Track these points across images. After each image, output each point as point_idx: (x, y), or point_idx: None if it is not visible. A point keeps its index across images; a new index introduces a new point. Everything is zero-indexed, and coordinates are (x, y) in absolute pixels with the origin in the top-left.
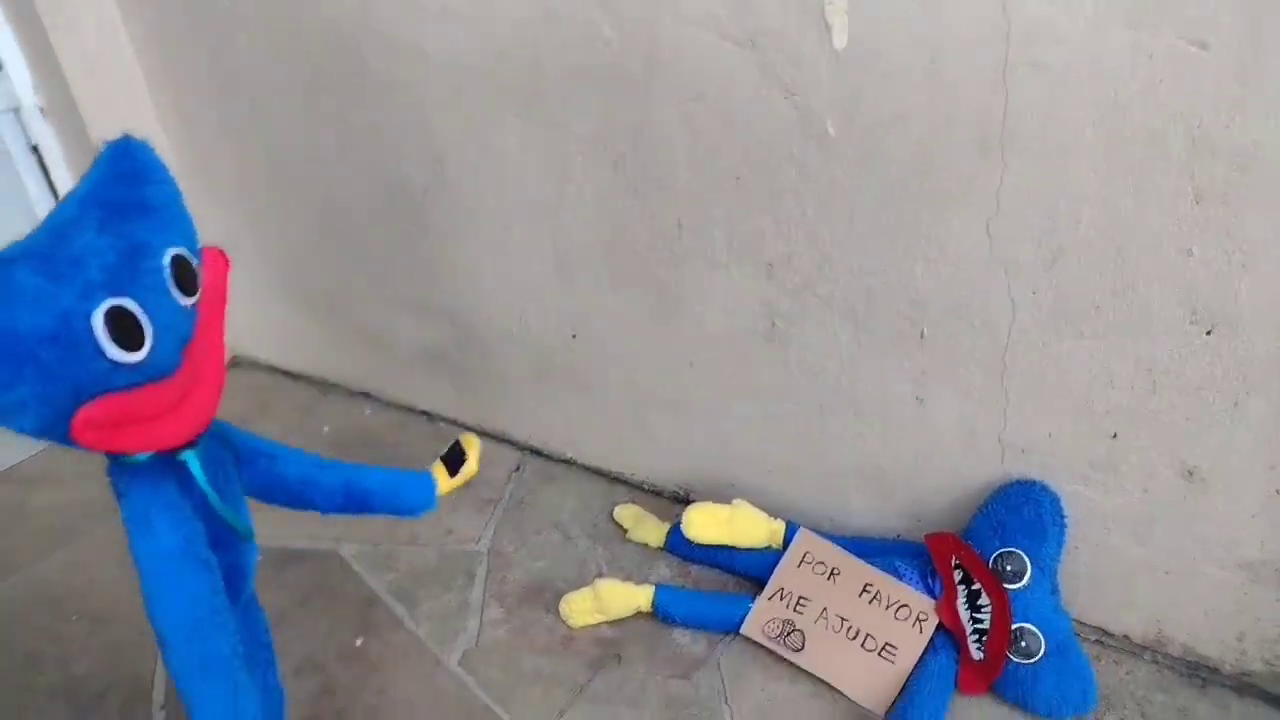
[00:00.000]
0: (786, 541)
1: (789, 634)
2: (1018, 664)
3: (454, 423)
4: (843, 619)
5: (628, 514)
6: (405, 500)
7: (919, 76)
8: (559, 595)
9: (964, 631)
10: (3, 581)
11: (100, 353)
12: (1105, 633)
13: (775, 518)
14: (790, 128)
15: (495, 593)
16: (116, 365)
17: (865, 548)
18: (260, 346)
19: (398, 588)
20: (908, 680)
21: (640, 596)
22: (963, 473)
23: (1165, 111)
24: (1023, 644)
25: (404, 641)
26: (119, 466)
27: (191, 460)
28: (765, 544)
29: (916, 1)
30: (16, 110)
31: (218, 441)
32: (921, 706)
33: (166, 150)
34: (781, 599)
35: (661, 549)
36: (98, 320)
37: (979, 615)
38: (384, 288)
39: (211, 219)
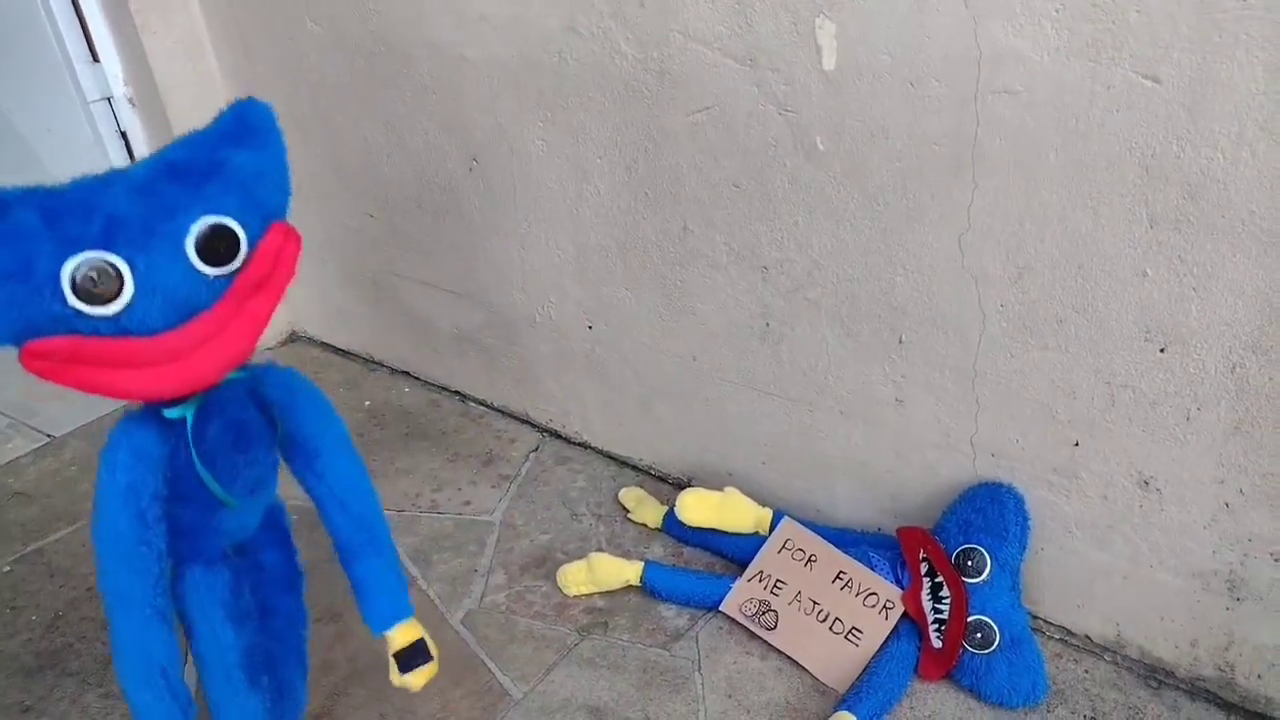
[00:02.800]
0: (772, 528)
1: (764, 613)
2: (973, 654)
3: (483, 403)
4: (815, 602)
5: (631, 496)
6: (369, 602)
7: (899, 98)
8: (559, 566)
9: (926, 621)
10: (72, 526)
11: (61, 299)
12: (1068, 632)
13: (764, 506)
14: (784, 141)
15: (502, 560)
16: (79, 313)
17: (844, 538)
18: (315, 324)
19: (415, 550)
20: (870, 663)
21: (630, 571)
22: (937, 472)
23: (1121, 140)
24: (978, 635)
25: (415, 599)
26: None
27: (187, 416)
28: (753, 529)
29: (898, 29)
30: (109, 99)
31: (245, 406)
32: (878, 688)
33: None
34: (760, 581)
35: (659, 530)
36: (69, 268)
37: (940, 606)
38: (425, 273)
39: None
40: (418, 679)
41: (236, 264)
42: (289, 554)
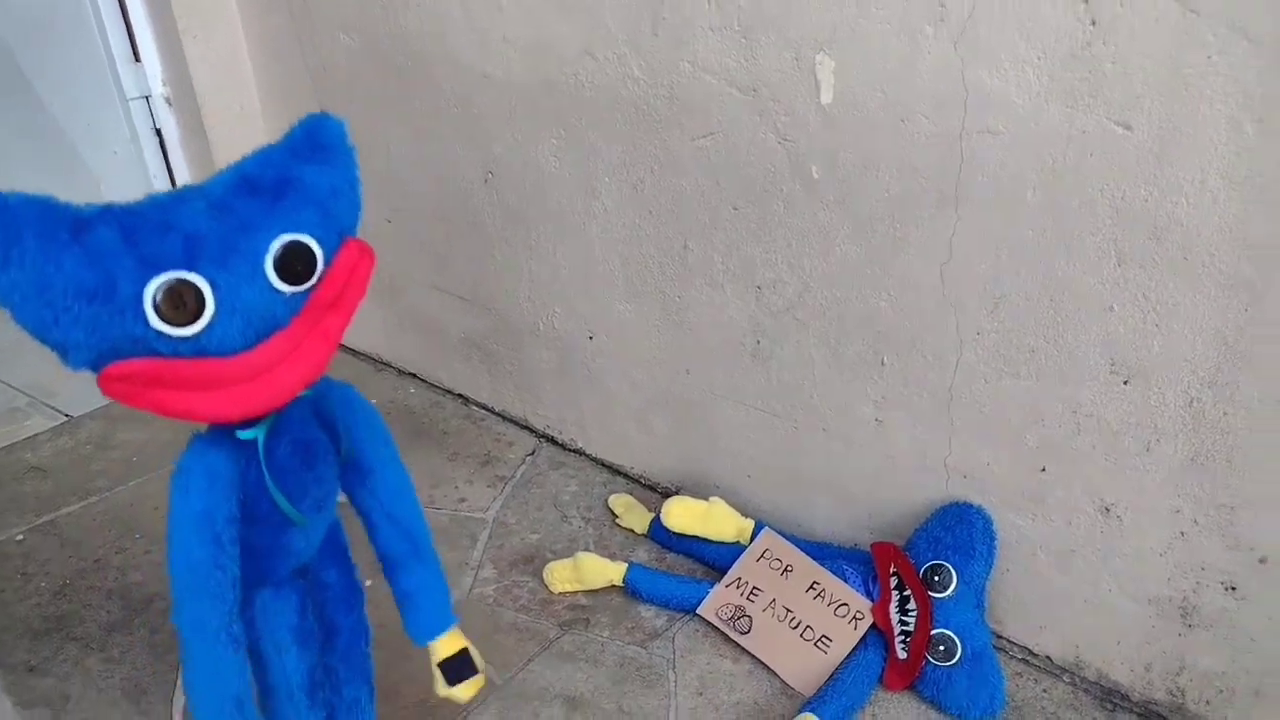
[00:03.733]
0: (753, 539)
1: (739, 618)
2: (935, 666)
3: (484, 407)
4: (788, 610)
5: (621, 502)
6: (414, 612)
7: (890, 133)
8: (546, 564)
9: (893, 632)
10: (83, 501)
11: (143, 320)
12: (1029, 652)
13: (747, 517)
14: (781, 168)
15: (492, 556)
16: (160, 334)
17: (821, 551)
18: None
19: None
20: (837, 670)
21: (614, 571)
22: (912, 490)
23: (1094, 182)
24: (941, 648)
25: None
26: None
27: (259, 437)
28: (734, 539)
29: (892, 69)
30: (148, 98)
31: (310, 424)
32: (843, 693)
33: (265, 140)
34: (738, 588)
35: (645, 536)
36: (151, 289)
37: (907, 619)
38: (437, 279)
39: None
40: (466, 691)
41: (313, 281)
42: (349, 570)
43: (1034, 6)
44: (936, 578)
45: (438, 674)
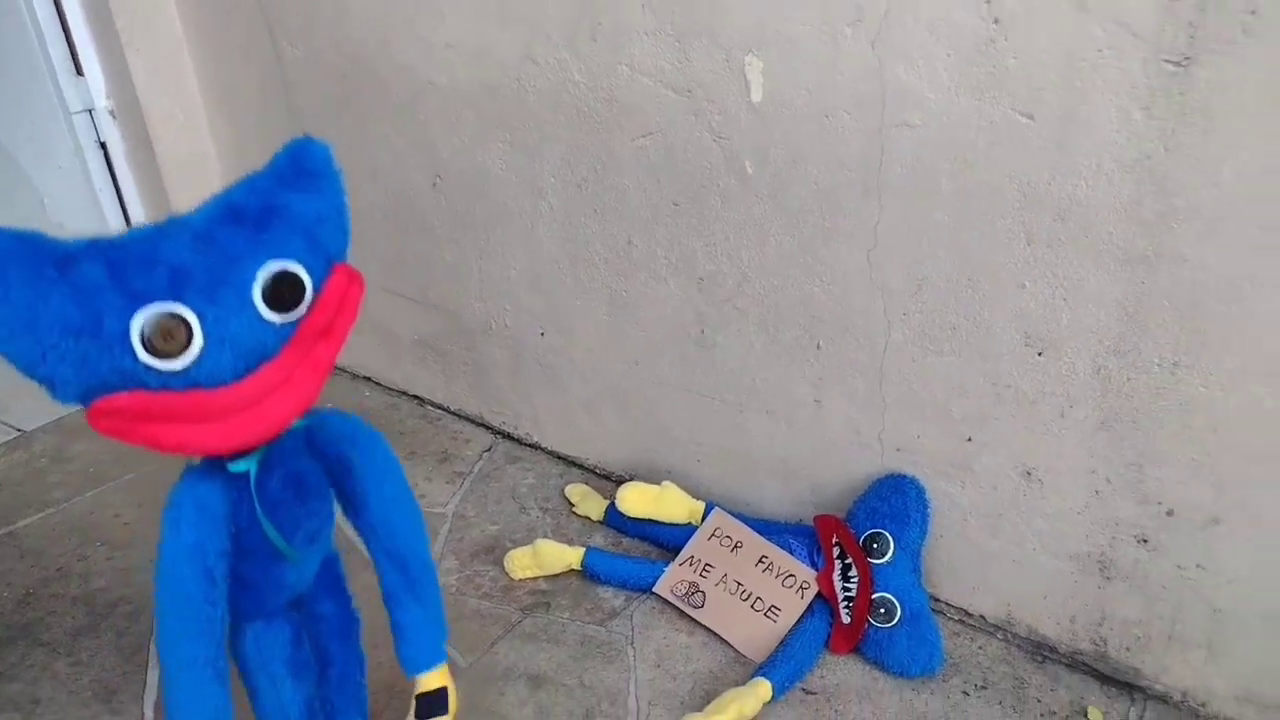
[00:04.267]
0: (704, 519)
1: (693, 594)
2: (877, 628)
3: (440, 407)
4: (739, 583)
5: (576, 491)
6: (404, 645)
7: (816, 129)
8: (506, 553)
9: (837, 599)
10: (41, 513)
11: (131, 354)
12: (965, 613)
13: (698, 499)
14: (717, 165)
15: (453, 548)
16: (148, 368)
17: (768, 528)
18: None
19: None
20: (786, 637)
21: (573, 555)
22: (851, 465)
23: (1002, 169)
24: (882, 610)
25: (370, 580)
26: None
27: (250, 470)
28: (687, 520)
29: (815, 68)
30: (91, 111)
31: (303, 456)
32: (792, 658)
33: (211, 150)
34: (691, 565)
35: (601, 522)
36: (138, 322)
37: (849, 585)
38: (389, 282)
39: None
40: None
41: (302, 309)
42: (345, 602)
43: (942, 7)
44: (875, 545)
45: (413, 703)
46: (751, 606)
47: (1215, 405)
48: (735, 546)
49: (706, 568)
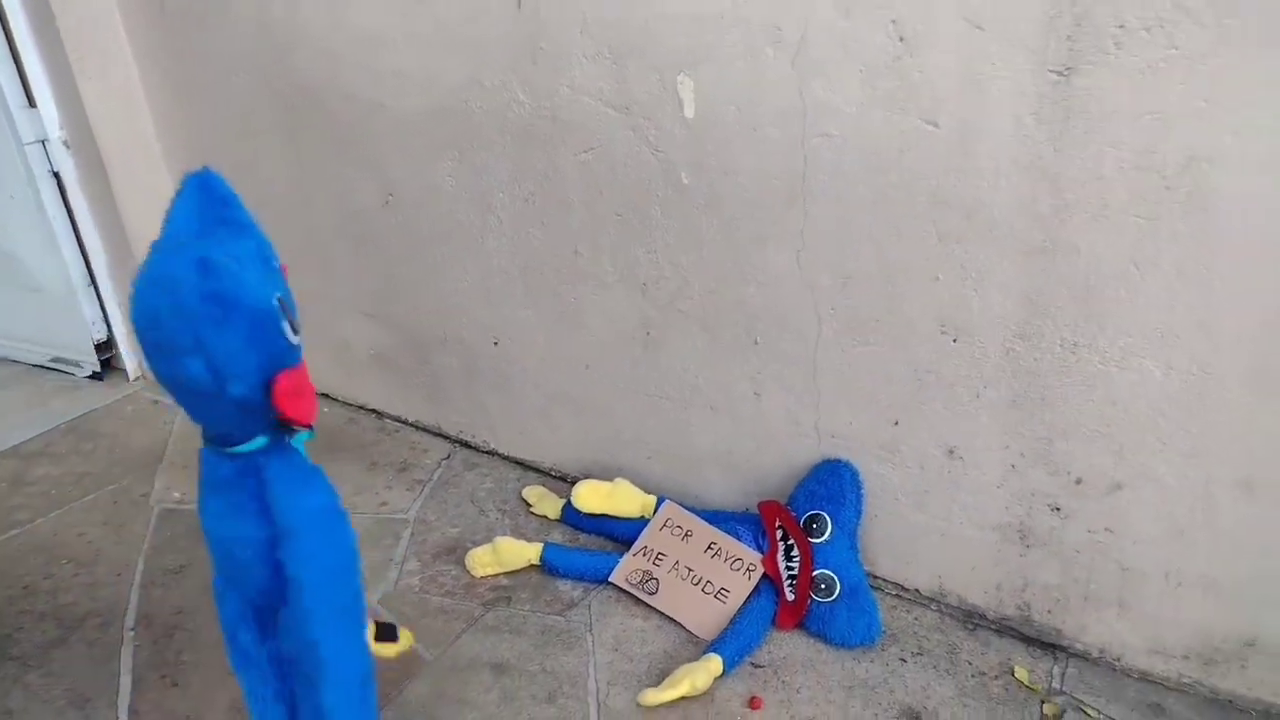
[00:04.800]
0: (656, 511)
1: (647, 581)
2: (818, 602)
3: (398, 419)
4: (690, 569)
5: (533, 493)
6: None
7: (745, 141)
8: (468, 552)
9: (781, 578)
10: (5, 534)
11: (282, 332)
12: (901, 587)
13: (649, 493)
14: (656, 177)
15: (415, 551)
16: (290, 346)
17: (716, 517)
18: None
19: None
20: (735, 616)
21: (531, 551)
22: (790, 454)
23: (912, 173)
24: (822, 586)
25: None
26: (265, 439)
27: (300, 443)
28: (639, 514)
29: (742, 86)
30: (44, 141)
31: None
32: (740, 635)
33: (166, 178)
34: (644, 555)
35: (558, 520)
36: (275, 305)
37: (791, 564)
38: (344, 299)
39: None
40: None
41: None
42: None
43: (853, 28)
44: (815, 525)
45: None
46: (702, 590)
47: (1112, 380)
48: (686, 535)
49: (659, 557)
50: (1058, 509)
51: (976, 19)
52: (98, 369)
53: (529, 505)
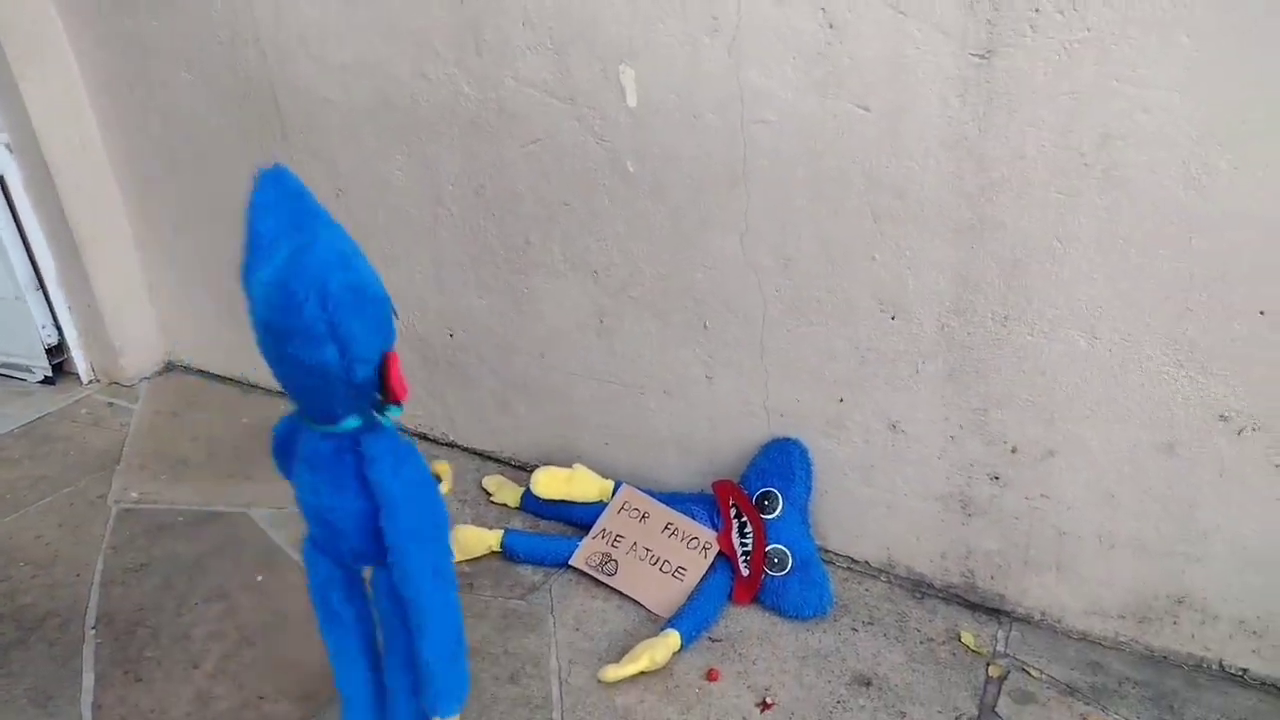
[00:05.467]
0: (614, 495)
1: (606, 563)
2: (772, 576)
3: None
4: (648, 549)
5: (493, 482)
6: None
7: (686, 128)
8: None
9: (736, 554)
10: None
11: (390, 316)
12: (852, 560)
13: (607, 478)
14: (602, 165)
15: None
16: (394, 331)
17: (672, 498)
18: (191, 352)
19: (296, 540)
20: (692, 593)
21: (492, 538)
22: (742, 434)
23: (847, 155)
24: (775, 560)
25: (297, 579)
26: (362, 420)
27: (396, 413)
28: (598, 498)
29: (681, 74)
30: None
31: None
32: (696, 611)
33: (111, 182)
34: (603, 538)
35: (518, 508)
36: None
37: (745, 541)
38: None
39: (150, 242)
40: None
41: None
42: None
43: (785, 16)
44: (766, 502)
45: None
46: (660, 569)
47: (1041, 351)
48: (643, 517)
49: (617, 539)
50: (996, 478)
51: (900, 5)
52: (50, 374)
53: (489, 494)
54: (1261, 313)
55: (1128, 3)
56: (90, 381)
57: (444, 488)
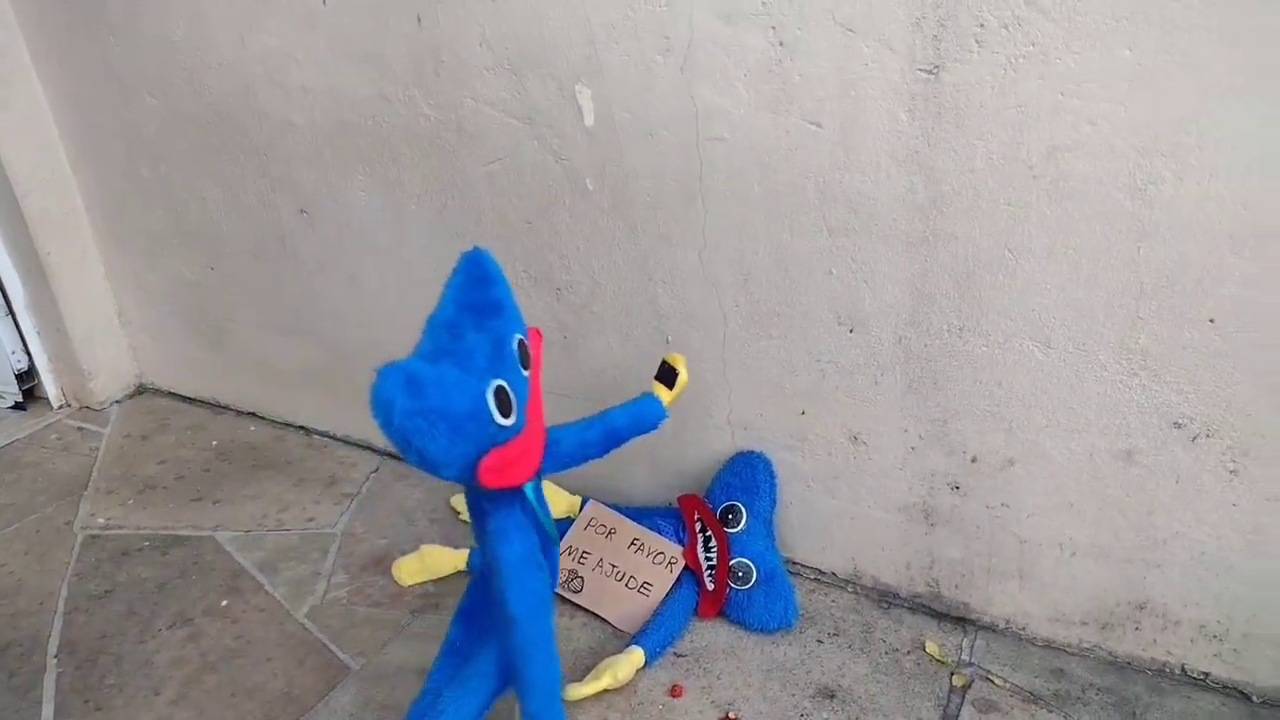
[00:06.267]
0: (581, 511)
1: (572, 580)
2: (736, 590)
3: (326, 434)
4: (614, 565)
5: (461, 501)
6: (645, 421)
7: (644, 146)
8: (394, 562)
9: (701, 569)
10: None
11: (492, 420)
12: (818, 571)
13: (574, 494)
14: (562, 183)
15: (343, 563)
16: (500, 428)
17: (639, 514)
18: (161, 375)
19: (262, 562)
20: (658, 608)
21: (459, 558)
22: (707, 447)
23: (800, 171)
24: (740, 574)
25: (262, 602)
26: (487, 497)
27: (529, 489)
28: (565, 514)
29: (636, 92)
30: None
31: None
32: (660, 627)
33: (79, 207)
34: (570, 554)
35: None
36: (489, 397)
37: (710, 555)
38: (264, 318)
39: (120, 265)
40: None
41: (531, 366)
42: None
43: (735, 34)
44: (731, 516)
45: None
46: (626, 585)
47: (996, 361)
48: (609, 533)
49: (584, 555)
50: (957, 487)
51: (849, 23)
52: (20, 399)
53: (457, 513)
54: (1211, 320)
55: (1069, 18)
56: (61, 406)
57: (680, 383)
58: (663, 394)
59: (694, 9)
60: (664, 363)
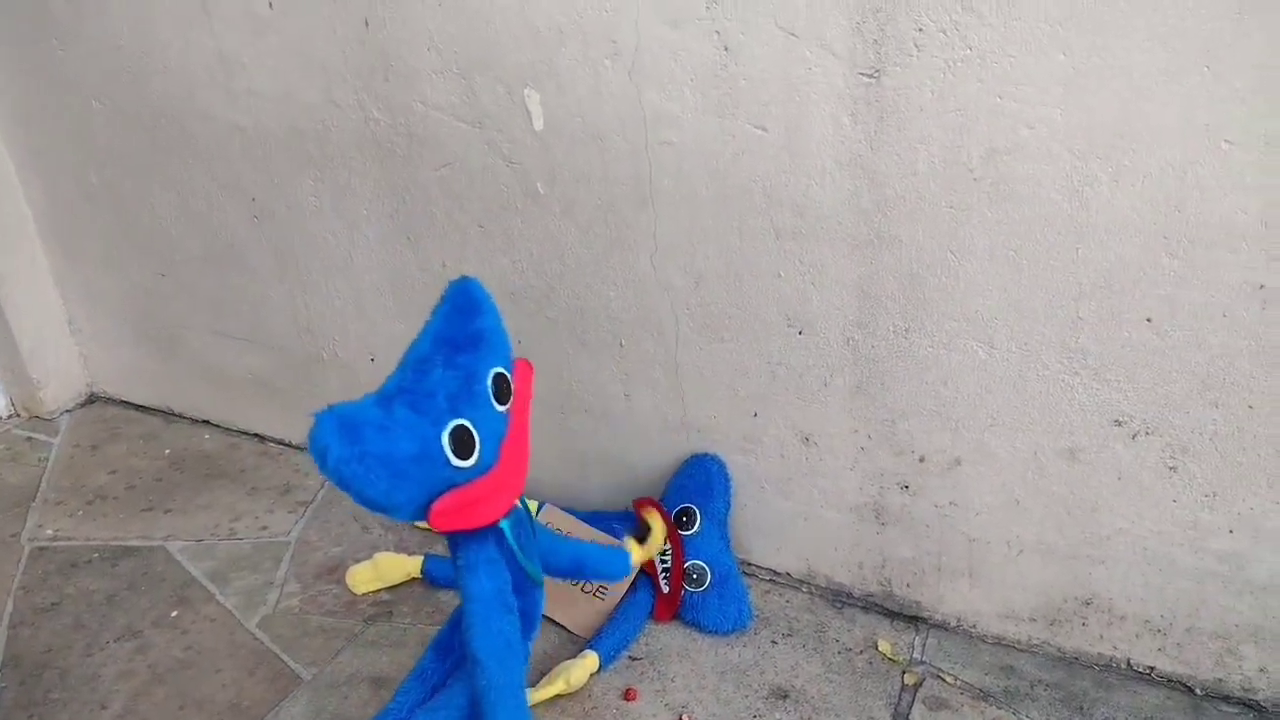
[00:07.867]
0: (537, 515)
1: None
2: (691, 592)
3: (280, 442)
4: None
5: None
6: (612, 569)
7: (593, 150)
8: (348, 570)
9: (656, 572)
10: None
11: (447, 463)
12: (774, 572)
13: (532, 498)
14: (513, 188)
15: (296, 572)
16: (457, 469)
17: (595, 517)
18: (113, 383)
19: (213, 572)
20: (613, 613)
21: (412, 564)
22: (662, 450)
23: (747, 175)
24: (694, 576)
25: (213, 612)
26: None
27: (505, 527)
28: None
29: (585, 97)
30: None
31: (524, 507)
32: (616, 630)
33: (26, 215)
34: None
35: (442, 533)
36: (445, 439)
37: (664, 557)
38: (217, 324)
39: (69, 273)
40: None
41: (511, 400)
42: None
43: (681, 39)
44: (685, 518)
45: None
46: (581, 589)
47: (942, 362)
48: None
49: None
50: (906, 487)
51: (790, 27)
52: None
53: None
54: (1148, 320)
55: (1005, 22)
56: (10, 416)
57: (638, 554)
58: (635, 550)
59: (640, 14)
60: (643, 522)
